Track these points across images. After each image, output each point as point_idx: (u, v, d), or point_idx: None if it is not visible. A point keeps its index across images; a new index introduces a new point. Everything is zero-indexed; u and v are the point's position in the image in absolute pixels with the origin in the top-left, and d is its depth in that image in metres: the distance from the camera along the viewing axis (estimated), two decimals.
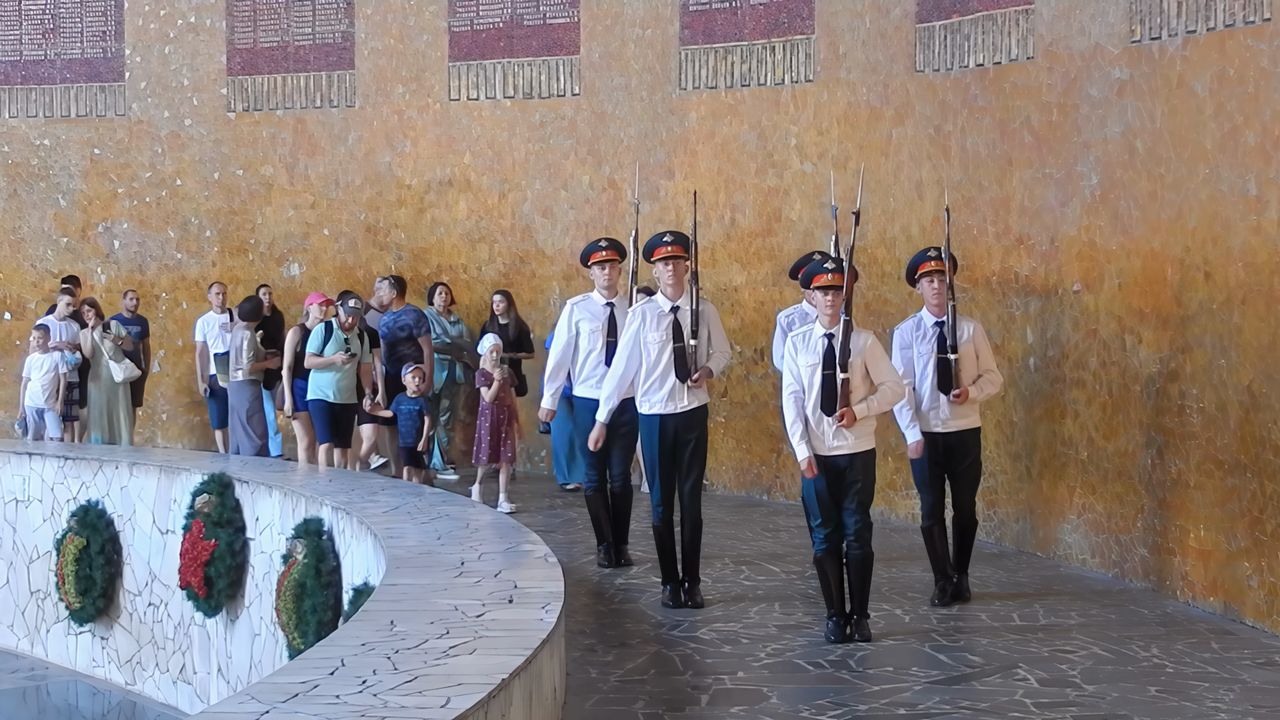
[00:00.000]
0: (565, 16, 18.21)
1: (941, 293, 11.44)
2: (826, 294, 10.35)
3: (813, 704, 8.87)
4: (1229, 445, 11.18)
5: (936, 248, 11.69)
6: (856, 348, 10.30)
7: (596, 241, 13.25)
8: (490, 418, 15.12)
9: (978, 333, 11.58)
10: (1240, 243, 11.09)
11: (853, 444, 10.32)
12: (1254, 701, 9.01)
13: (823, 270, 10.51)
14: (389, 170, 19.24)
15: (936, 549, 11.53)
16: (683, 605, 11.32)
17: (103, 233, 20.09)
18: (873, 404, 10.37)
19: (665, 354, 11.36)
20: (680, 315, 11.40)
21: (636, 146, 17.73)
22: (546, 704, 8.02)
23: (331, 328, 15.30)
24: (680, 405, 11.36)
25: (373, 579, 10.42)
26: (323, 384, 15.29)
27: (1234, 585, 11.11)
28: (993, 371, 11.66)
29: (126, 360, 17.33)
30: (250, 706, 6.50)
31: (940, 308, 11.45)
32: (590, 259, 12.94)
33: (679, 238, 11.60)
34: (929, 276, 11.49)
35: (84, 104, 20.10)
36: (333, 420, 15.36)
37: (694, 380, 11.31)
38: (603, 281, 12.85)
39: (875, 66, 15.44)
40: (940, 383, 11.36)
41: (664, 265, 11.46)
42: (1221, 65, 11.32)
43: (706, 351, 11.48)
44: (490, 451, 15.13)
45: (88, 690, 15.53)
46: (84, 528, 15.17)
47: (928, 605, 11.36)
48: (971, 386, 11.41)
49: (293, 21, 19.52)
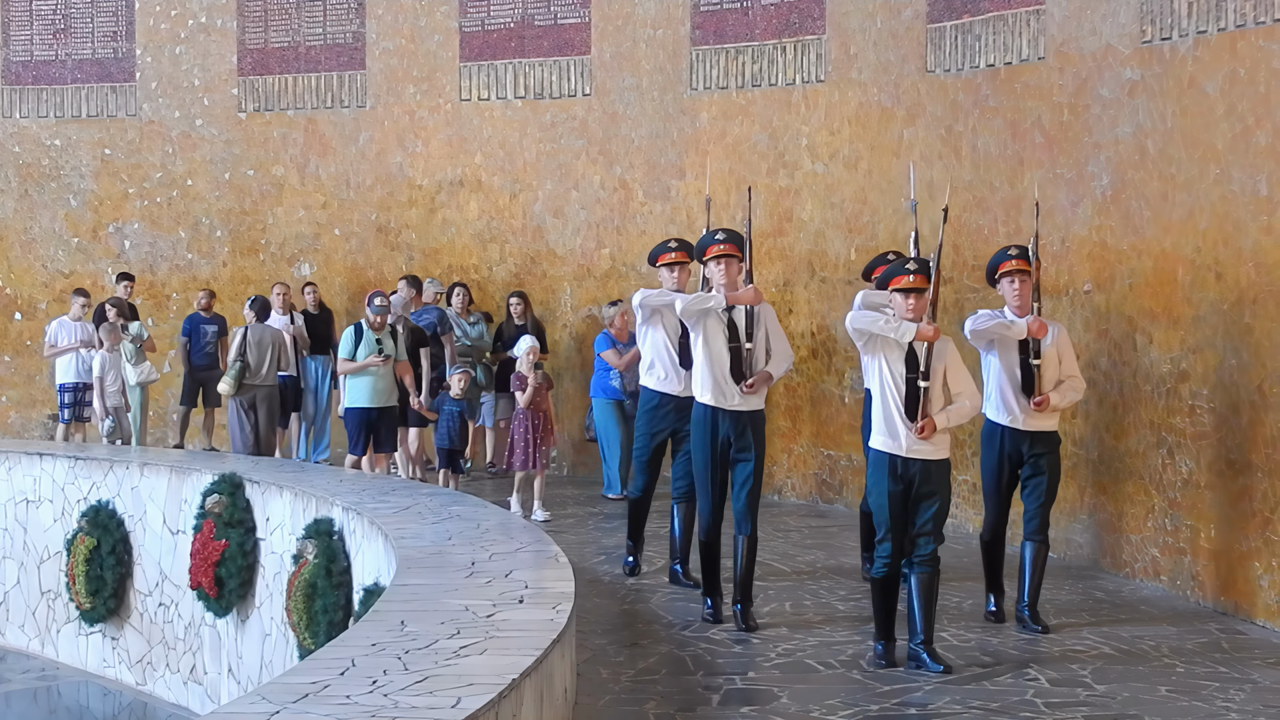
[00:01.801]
0: (576, 17, 18.22)
1: (1025, 294, 10.76)
2: (908, 297, 9.67)
3: (823, 704, 8.86)
4: (1240, 445, 11.17)
5: (1020, 246, 11.03)
6: (938, 354, 9.71)
7: (665, 242, 12.38)
8: (525, 423, 14.60)
9: (1061, 337, 10.90)
10: (1251, 243, 11.08)
11: (931, 451, 9.71)
12: (1265, 701, 9.00)
13: (903, 271, 9.79)
14: (400, 170, 19.25)
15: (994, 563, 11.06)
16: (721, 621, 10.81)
17: (114, 233, 20.10)
18: (951, 415, 9.74)
19: (723, 355, 10.72)
20: (735, 316, 10.73)
21: (648, 147, 17.75)
22: (558, 704, 8.01)
23: (361, 330, 15.06)
24: (732, 403, 10.68)
25: (383, 579, 10.42)
26: (358, 390, 15.03)
27: (1245, 585, 11.10)
28: (1075, 377, 10.97)
29: (146, 363, 17.29)
30: (261, 707, 6.50)
31: (1023, 309, 10.77)
32: (659, 260, 12.17)
33: (732, 235, 10.92)
34: (1009, 276, 10.79)
35: (95, 104, 20.13)
36: (370, 428, 15.07)
37: (749, 385, 10.64)
38: (671, 285, 12.06)
39: (886, 67, 15.44)
40: (1024, 386, 10.75)
41: (716, 265, 10.78)
42: (1233, 66, 11.31)
43: (764, 355, 10.81)
44: (525, 458, 14.60)
45: (99, 691, 15.54)
46: (95, 528, 15.18)
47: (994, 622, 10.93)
48: (1053, 393, 10.76)
49: (304, 22, 19.53)
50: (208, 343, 18.23)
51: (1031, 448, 10.82)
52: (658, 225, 17.43)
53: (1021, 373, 10.75)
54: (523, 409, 14.61)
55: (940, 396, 9.73)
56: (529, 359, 14.75)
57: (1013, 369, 10.78)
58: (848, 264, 15.81)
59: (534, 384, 14.59)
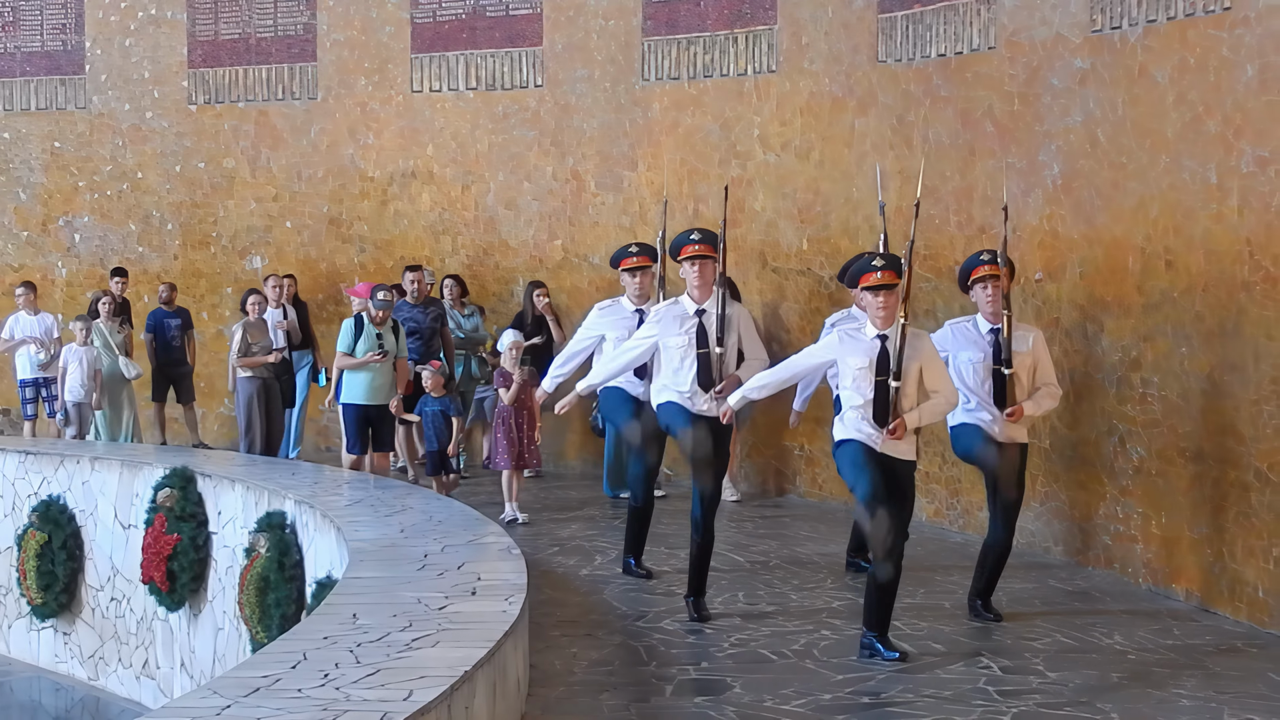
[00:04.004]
0: (528, 8, 18.18)
1: (996, 300, 10.47)
2: (878, 294, 9.39)
3: (777, 694, 8.86)
4: (1191, 433, 11.22)
5: (991, 250, 10.73)
6: (913, 353, 9.45)
7: (627, 247, 12.19)
8: (508, 421, 14.11)
9: (1037, 343, 10.63)
10: (1201, 231, 11.12)
11: (902, 451, 9.52)
12: (1217, 688, 9.04)
13: (871, 268, 9.48)
14: (352, 162, 19.18)
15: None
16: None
17: (63, 226, 20.00)
18: (923, 414, 9.52)
19: (689, 361, 10.52)
20: (706, 319, 10.49)
21: (600, 138, 17.74)
22: (511, 695, 8.00)
23: (362, 322, 14.66)
24: (698, 407, 10.50)
25: (336, 572, 10.38)
26: (355, 386, 14.61)
27: (1196, 572, 11.15)
28: (1052, 385, 10.66)
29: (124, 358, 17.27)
30: (212, 701, 6.46)
31: (995, 315, 10.49)
32: (621, 265, 11.95)
33: (707, 235, 10.65)
34: (983, 283, 10.50)
35: (44, 97, 20.01)
36: (366, 425, 14.62)
37: (718, 391, 10.39)
38: (634, 290, 11.87)
39: (838, 57, 15.46)
40: (995, 397, 10.42)
41: (690, 265, 10.53)
42: (1182, 54, 11.35)
43: (736, 360, 10.58)
44: (508, 458, 14.06)
45: (51, 686, 15.45)
46: (46, 523, 15.08)
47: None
48: (1027, 402, 10.48)
49: (254, 13, 19.44)
50: (173, 337, 18.15)
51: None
52: (610, 216, 17.42)
53: (993, 382, 10.47)
54: (506, 406, 14.10)
55: (913, 395, 9.50)
56: (512, 354, 14.34)
57: (981, 378, 10.49)
58: (800, 254, 15.82)
59: (519, 380, 14.07)
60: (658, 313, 10.78)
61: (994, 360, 10.44)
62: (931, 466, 13.78)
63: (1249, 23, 10.69)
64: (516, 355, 14.32)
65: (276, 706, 6.34)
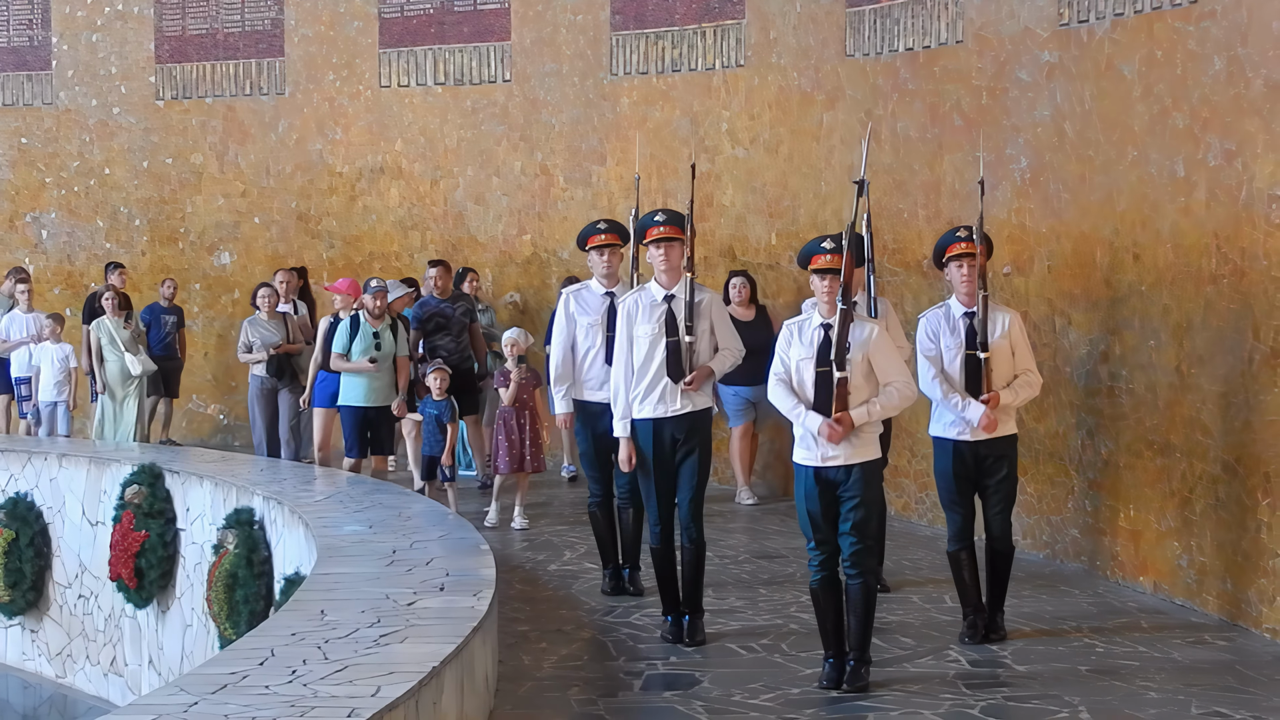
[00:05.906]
0: (496, 2, 18.17)
1: (971, 279, 9.83)
2: (824, 278, 8.74)
3: (745, 688, 8.86)
4: (1158, 426, 11.25)
5: (967, 226, 10.06)
6: (858, 340, 8.77)
7: (594, 223, 11.40)
8: (509, 422, 13.60)
9: (1014, 327, 9.92)
10: (1169, 224, 11.14)
11: (850, 453, 8.76)
12: (1185, 680, 9.06)
13: (820, 250, 8.82)
14: (320, 158, 19.14)
15: (964, 576, 10.00)
16: (681, 641, 9.88)
17: (31, 223, 19.92)
18: (874, 408, 8.76)
19: (657, 351, 9.80)
20: (675, 306, 9.82)
21: (569, 132, 17.73)
22: (479, 691, 7.99)
23: (358, 321, 14.20)
24: (673, 408, 9.78)
25: (304, 568, 10.36)
26: (353, 387, 14.16)
27: (1164, 565, 11.18)
28: (1031, 372, 9.98)
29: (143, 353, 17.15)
30: (179, 698, 6.44)
31: (970, 297, 9.85)
32: (588, 243, 11.18)
33: (673, 217, 9.95)
34: (958, 261, 9.88)
35: (11, 93, 19.93)
36: (365, 427, 14.21)
37: (687, 382, 9.74)
38: (601, 269, 11.13)
39: (806, 51, 15.46)
40: (969, 384, 9.80)
41: (656, 249, 9.82)
42: (1149, 48, 11.37)
43: (708, 349, 9.91)
44: (510, 461, 13.56)
45: (18, 684, 15.39)
46: (13, 520, 15.01)
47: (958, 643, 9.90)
48: (1005, 390, 9.81)
49: (221, 9, 19.38)
50: (168, 333, 18.08)
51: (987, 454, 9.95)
52: (579, 211, 17.39)
53: (966, 366, 9.86)
54: (507, 407, 13.63)
55: (865, 388, 8.79)
56: (512, 353, 13.88)
57: (954, 364, 9.89)
58: (768, 248, 15.83)
59: (517, 380, 13.62)
60: (624, 304, 10.05)
61: (968, 345, 9.83)
62: (900, 460, 13.79)
63: (1216, 16, 10.72)
64: (515, 354, 13.87)
65: (244, 703, 6.32)
